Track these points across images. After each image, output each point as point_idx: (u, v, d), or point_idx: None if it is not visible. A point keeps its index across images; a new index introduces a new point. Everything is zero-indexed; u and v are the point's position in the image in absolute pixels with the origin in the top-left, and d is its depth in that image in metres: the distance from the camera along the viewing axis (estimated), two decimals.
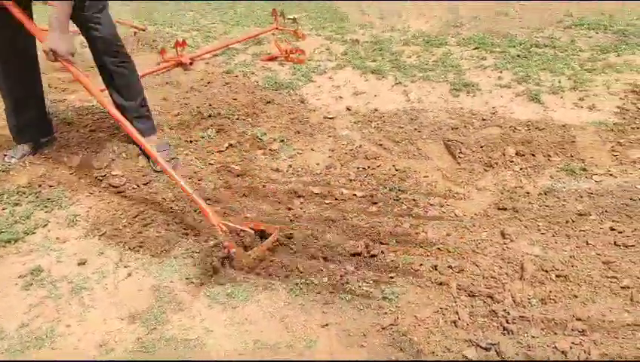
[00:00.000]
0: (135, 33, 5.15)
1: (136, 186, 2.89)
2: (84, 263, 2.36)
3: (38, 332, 2.03)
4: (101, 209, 2.71)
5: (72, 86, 4.15)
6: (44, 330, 2.04)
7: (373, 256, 2.33)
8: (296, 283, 2.21)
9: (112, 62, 2.96)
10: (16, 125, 3.12)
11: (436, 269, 2.24)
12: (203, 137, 3.34)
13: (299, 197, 2.75)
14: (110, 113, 2.66)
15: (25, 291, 2.23)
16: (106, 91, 3.09)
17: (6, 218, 2.63)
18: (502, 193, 2.71)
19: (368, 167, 2.96)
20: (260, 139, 3.29)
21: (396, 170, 2.92)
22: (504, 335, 1.96)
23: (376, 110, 3.59)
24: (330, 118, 3.50)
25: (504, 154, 3.00)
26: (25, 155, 3.12)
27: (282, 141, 3.25)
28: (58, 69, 4.43)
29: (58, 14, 2.55)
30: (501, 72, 4.05)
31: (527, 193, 2.69)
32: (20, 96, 3.02)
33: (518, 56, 4.34)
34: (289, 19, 5.14)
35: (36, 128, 3.17)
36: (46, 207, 2.72)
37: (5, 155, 3.10)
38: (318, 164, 3.03)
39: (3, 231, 2.54)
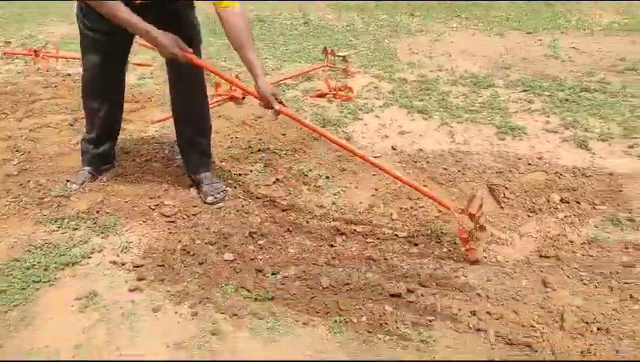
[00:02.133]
0: (237, 75, 5.39)
1: (186, 217, 3.03)
2: (134, 290, 2.49)
3: (90, 355, 2.15)
4: (152, 237, 2.85)
5: (130, 116, 4.39)
6: (95, 353, 2.16)
7: (411, 300, 2.37)
8: (336, 321, 2.27)
9: (196, 95, 3.14)
10: (91, 150, 3.33)
11: (475, 315, 2.26)
12: (251, 171, 3.46)
13: (341, 234, 2.82)
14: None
15: (80, 313, 2.36)
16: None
17: (65, 241, 2.80)
18: (544, 240, 2.71)
19: (411, 208, 3.01)
20: (306, 175, 3.40)
21: (439, 212, 2.95)
22: None
23: (421, 150, 3.65)
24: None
25: (548, 201, 3.00)
26: (85, 182, 3.31)
27: (327, 178, 3.35)
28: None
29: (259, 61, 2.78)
30: (549, 116, 4.05)
31: (571, 241, 2.67)
32: (106, 127, 3.25)
33: (567, 100, 4.32)
34: (339, 56, 5.28)
35: (105, 155, 3.38)
36: (102, 233, 2.88)
37: (68, 181, 3.31)
38: (361, 203, 3.10)
39: (63, 255, 2.71)
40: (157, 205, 3.11)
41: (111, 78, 3.14)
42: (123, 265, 2.66)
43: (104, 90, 3.15)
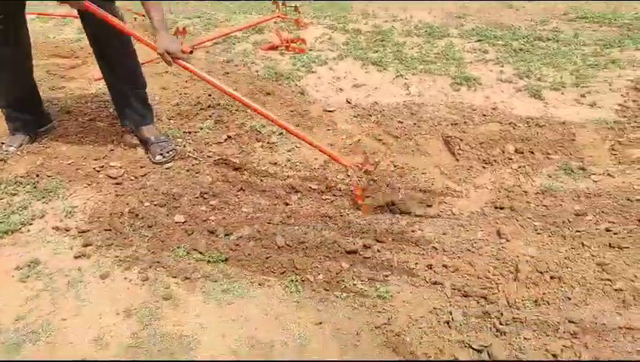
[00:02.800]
0: (135, 19, 5.11)
1: (133, 178, 2.89)
2: (80, 256, 2.37)
3: (34, 326, 2.04)
4: (99, 201, 2.71)
5: (71, 73, 4.14)
6: (39, 324, 2.05)
7: (367, 256, 2.34)
8: (292, 280, 2.22)
9: (115, 46, 2.93)
10: (11, 120, 3.12)
11: (431, 268, 2.25)
12: (202, 128, 3.33)
13: (296, 192, 2.76)
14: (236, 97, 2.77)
15: (21, 283, 2.24)
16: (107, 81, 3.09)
17: (3, 208, 2.64)
18: (499, 191, 2.71)
19: None
20: (259, 131, 3.29)
21: (395, 166, 2.91)
22: (497, 337, 1.97)
23: (376, 103, 3.57)
24: (330, 112, 3.49)
25: (503, 152, 3.00)
26: (23, 144, 3.11)
27: (281, 134, 3.25)
28: (55, 55, 4.43)
29: (160, 16, 2.63)
30: (503, 66, 4.03)
31: (525, 192, 2.68)
32: (18, 95, 3.02)
33: (521, 49, 4.31)
34: (291, 7, 5.09)
35: (32, 122, 3.16)
36: (43, 197, 2.72)
37: (3, 144, 3.10)
38: (316, 159, 3.03)
39: (0, 223, 2.55)
40: (102, 166, 2.96)
41: (6, 40, 2.81)
42: (67, 230, 2.52)
43: (3, 57, 2.87)
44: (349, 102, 3.60)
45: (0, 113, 3.17)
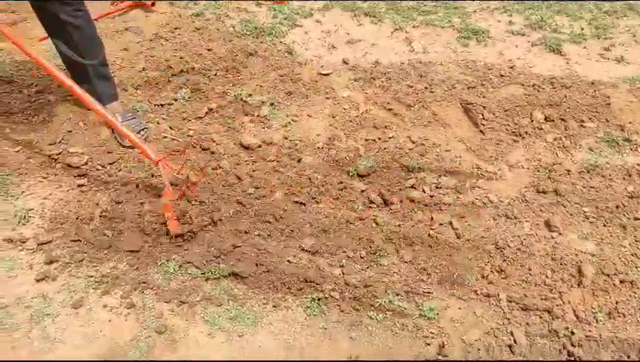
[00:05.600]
0: None
1: (100, 167, 2.38)
2: (44, 279, 1.89)
3: None
4: (60, 200, 2.20)
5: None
6: None
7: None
8: (314, 299, 1.82)
9: (65, 11, 2.35)
10: None
11: (482, 276, 1.88)
12: (176, 100, 2.80)
13: (300, 180, 2.31)
14: (57, 78, 2.10)
15: None
16: (52, 46, 2.50)
17: None
18: (538, 171, 2.34)
19: (379, 139, 2.52)
20: (245, 102, 2.78)
21: (412, 143, 2.49)
22: None
23: (377, 63, 3.10)
24: (325, 75, 3.00)
25: (532, 120, 2.61)
26: None
27: (272, 105, 2.75)
28: None
29: None
30: (511, 15, 3.58)
31: (568, 171, 2.32)
32: None
33: None
34: None
35: None
36: None
37: None
38: (318, 135, 2.57)
39: None
40: (59, 153, 2.43)
41: None
42: (23, 242, 2.03)
43: None
44: (345, 63, 3.11)
45: None
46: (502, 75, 2.94)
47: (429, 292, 1.85)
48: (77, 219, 2.11)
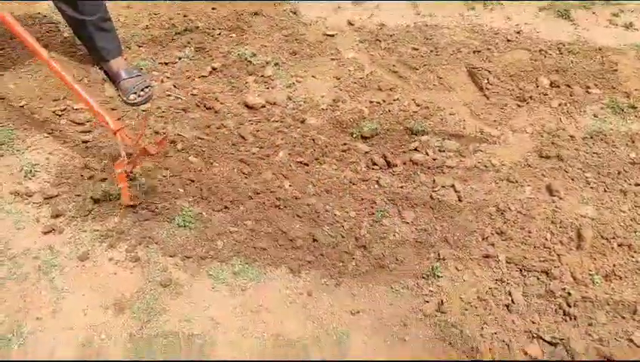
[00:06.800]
0: None
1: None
2: (50, 231, 1.91)
3: (2, 329, 1.63)
4: (65, 155, 2.22)
5: None
6: (8, 326, 1.64)
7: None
8: (316, 256, 1.85)
9: None
10: None
11: (482, 238, 1.90)
12: (180, 58, 2.78)
13: (303, 141, 2.32)
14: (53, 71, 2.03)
15: None
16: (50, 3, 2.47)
17: None
18: (541, 136, 2.34)
19: (384, 101, 2.52)
20: (249, 61, 2.76)
21: (417, 105, 2.49)
22: (566, 321, 1.68)
23: (383, 25, 3.06)
24: (330, 36, 2.97)
25: (537, 86, 2.60)
26: None
27: (276, 65, 2.74)
28: None
29: None
30: None
31: (571, 137, 2.32)
32: None
33: None
34: None
35: None
36: None
37: None
38: (323, 97, 2.56)
39: None
40: (64, 110, 2.43)
41: None
42: (30, 196, 2.05)
43: None
44: (351, 24, 3.08)
45: None
46: (508, 40, 2.91)
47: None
48: (82, 174, 2.12)
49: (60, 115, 2.41)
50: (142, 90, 2.50)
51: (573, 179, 2.14)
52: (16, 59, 2.68)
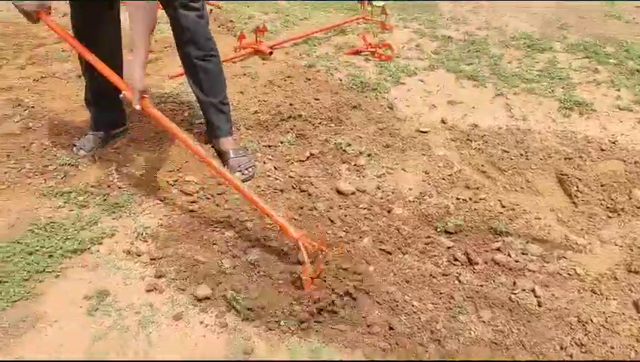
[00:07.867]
0: (211, 11, 4.88)
1: (210, 196, 2.64)
2: (152, 290, 2.13)
3: None
4: (172, 221, 2.47)
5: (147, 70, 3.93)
6: None
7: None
8: (391, 345, 1.91)
9: (197, 56, 2.70)
10: (94, 114, 2.93)
11: (560, 348, 1.89)
12: (282, 143, 3.05)
13: (389, 230, 2.43)
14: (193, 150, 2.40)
15: (89, 317, 2.02)
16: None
17: (72, 222, 2.43)
18: (631, 250, 2.31)
19: (470, 199, 2.60)
20: (344, 151, 2.97)
21: (502, 207, 2.55)
22: None
23: (475, 126, 3.20)
24: (423, 132, 3.14)
25: (630, 198, 2.58)
26: (94, 148, 2.90)
27: (369, 155, 2.92)
28: (125, 47, 4.23)
29: (143, 29, 2.23)
30: (619, 90, 3.56)
31: None
32: (102, 89, 2.76)
33: (638, 70, 3.81)
34: (377, 7, 4.72)
35: (111, 118, 2.96)
36: (114, 212, 2.50)
37: (75, 146, 2.90)
38: (410, 189, 2.69)
39: (69, 238, 2.34)
40: (176, 181, 2.72)
41: (96, 30, 2.60)
42: (139, 256, 2.29)
43: (92, 44, 2.51)
44: (444, 123, 3.24)
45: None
46: (602, 149, 2.94)
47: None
48: (182, 242, 2.35)
49: (172, 185, 2.70)
50: (246, 168, 2.76)
51: None
52: (141, 133, 3.06)
